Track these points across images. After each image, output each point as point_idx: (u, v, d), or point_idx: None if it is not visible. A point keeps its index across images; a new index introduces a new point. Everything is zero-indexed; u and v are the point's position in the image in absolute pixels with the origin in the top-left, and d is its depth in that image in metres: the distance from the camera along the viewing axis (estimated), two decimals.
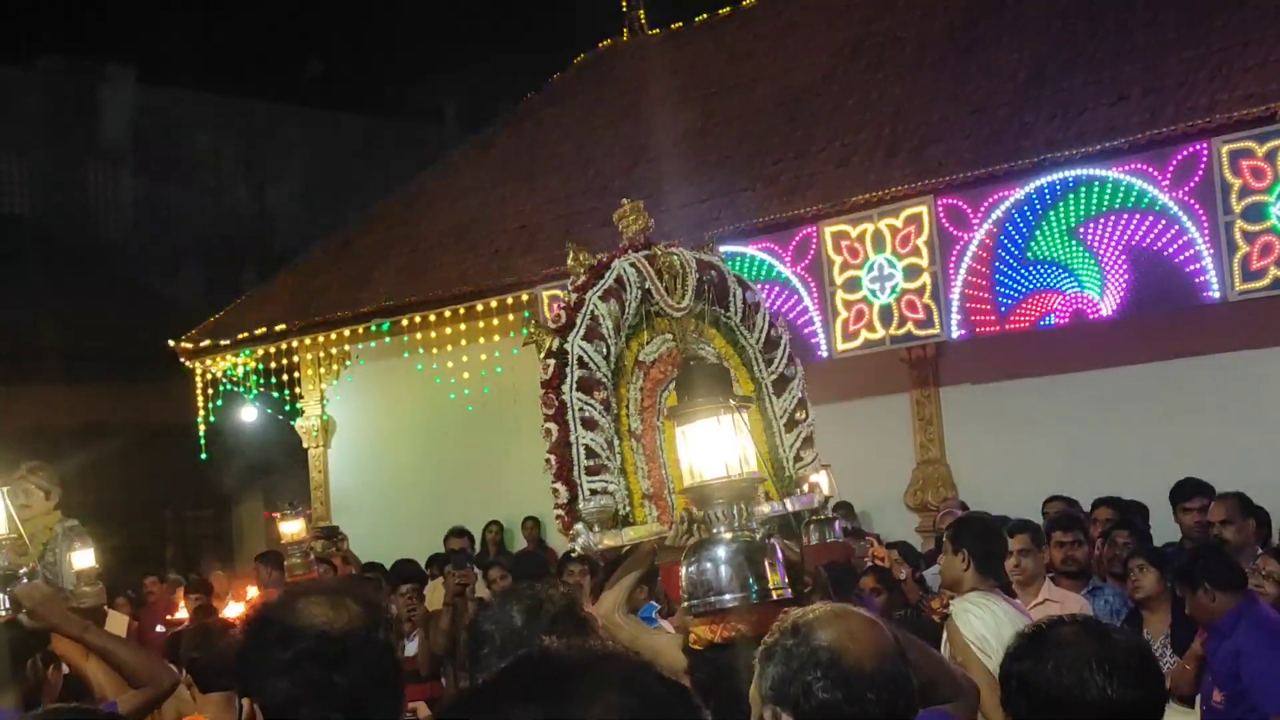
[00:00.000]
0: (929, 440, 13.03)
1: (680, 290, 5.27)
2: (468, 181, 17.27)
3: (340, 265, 17.24)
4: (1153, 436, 11.54)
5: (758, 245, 13.07)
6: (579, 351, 4.88)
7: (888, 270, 12.22)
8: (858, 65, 14.42)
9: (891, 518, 12.75)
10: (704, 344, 5.40)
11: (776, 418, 5.52)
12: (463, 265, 15.54)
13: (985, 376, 12.74)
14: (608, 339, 5.01)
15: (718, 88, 15.68)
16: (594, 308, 4.99)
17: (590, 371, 4.90)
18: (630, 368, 5.18)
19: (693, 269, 5.30)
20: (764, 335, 5.52)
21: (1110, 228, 11.21)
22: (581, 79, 18.09)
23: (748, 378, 5.52)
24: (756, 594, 3.57)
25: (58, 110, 30.42)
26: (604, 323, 5.00)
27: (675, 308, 5.25)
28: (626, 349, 5.16)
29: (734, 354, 5.53)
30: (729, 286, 5.44)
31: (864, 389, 13.10)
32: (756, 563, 3.61)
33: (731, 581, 3.60)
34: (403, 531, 14.62)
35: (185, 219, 30.31)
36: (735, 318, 5.48)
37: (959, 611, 5.71)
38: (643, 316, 5.20)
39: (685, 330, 5.28)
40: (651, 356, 5.25)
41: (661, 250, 5.26)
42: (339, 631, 2.64)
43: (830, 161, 13.23)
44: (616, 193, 14.87)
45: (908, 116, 13.10)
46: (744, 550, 3.62)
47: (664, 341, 5.29)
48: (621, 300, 5.10)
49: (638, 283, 5.16)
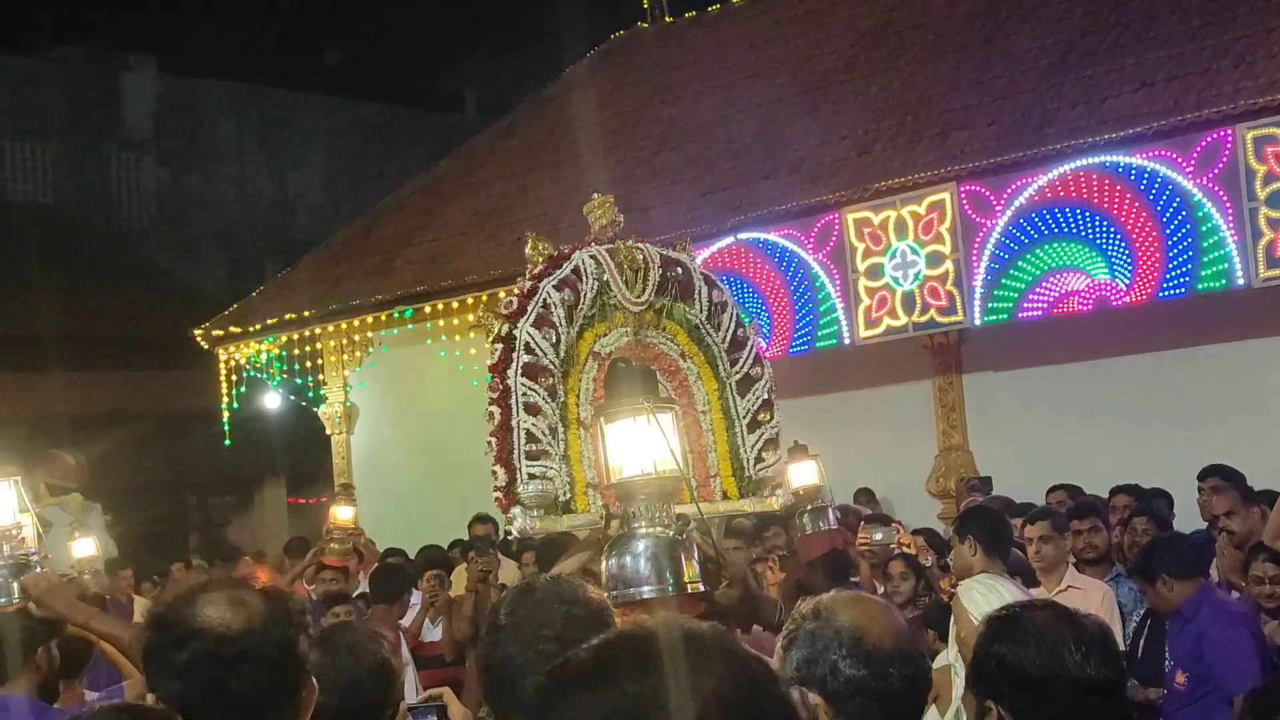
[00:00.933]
0: (951, 427, 13.02)
1: (640, 285, 5.29)
2: (489, 169, 17.30)
3: (362, 252, 17.28)
4: (1176, 423, 11.52)
5: (780, 232, 13.07)
6: (526, 337, 4.92)
7: (910, 257, 12.21)
8: (880, 52, 14.41)
9: (914, 505, 12.74)
10: (665, 339, 5.44)
11: (739, 417, 5.57)
12: (484, 253, 15.57)
13: (1008, 363, 12.73)
14: (558, 327, 5.04)
15: (739, 75, 15.67)
16: (546, 295, 5.03)
17: (537, 358, 4.94)
18: (584, 358, 5.20)
19: (655, 265, 5.33)
20: (730, 335, 5.55)
21: (1134, 214, 11.19)
22: (603, 66, 18.10)
23: (711, 375, 5.57)
24: (673, 586, 3.73)
25: (80, 99, 30.56)
26: (555, 311, 5.04)
27: (633, 302, 5.28)
28: (580, 339, 5.20)
29: (698, 352, 5.57)
30: (694, 284, 5.46)
31: (886, 376, 13.10)
32: (674, 557, 3.75)
33: (649, 574, 3.75)
34: (426, 517, 14.67)
35: (207, 207, 30.45)
36: (700, 315, 5.50)
37: (965, 591, 5.87)
38: (600, 308, 5.22)
39: (642, 324, 5.31)
40: (608, 348, 5.29)
41: (624, 245, 5.29)
42: (236, 632, 2.62)
43: (853, 148, 13.22)
44: (639, 180, 14.90)
45: (930, 103, 13.09)
46: (662, 545, 3.77)
47: (622, 335, 5.32)
48: (577, 290, 5.13)
49: (595, 274, 5.18)
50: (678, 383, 5.48)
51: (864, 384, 13.28)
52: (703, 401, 5.53)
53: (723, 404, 5.55)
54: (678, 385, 5.46)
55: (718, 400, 5.54)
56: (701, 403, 5.53)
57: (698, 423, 5.51)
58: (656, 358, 5.46)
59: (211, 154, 31.24)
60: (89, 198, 30.27)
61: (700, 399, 5.53)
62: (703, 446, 5.48)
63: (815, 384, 13.44)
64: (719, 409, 5.53)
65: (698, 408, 5.51)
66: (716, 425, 5.52)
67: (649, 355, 5.42)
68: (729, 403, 5.56)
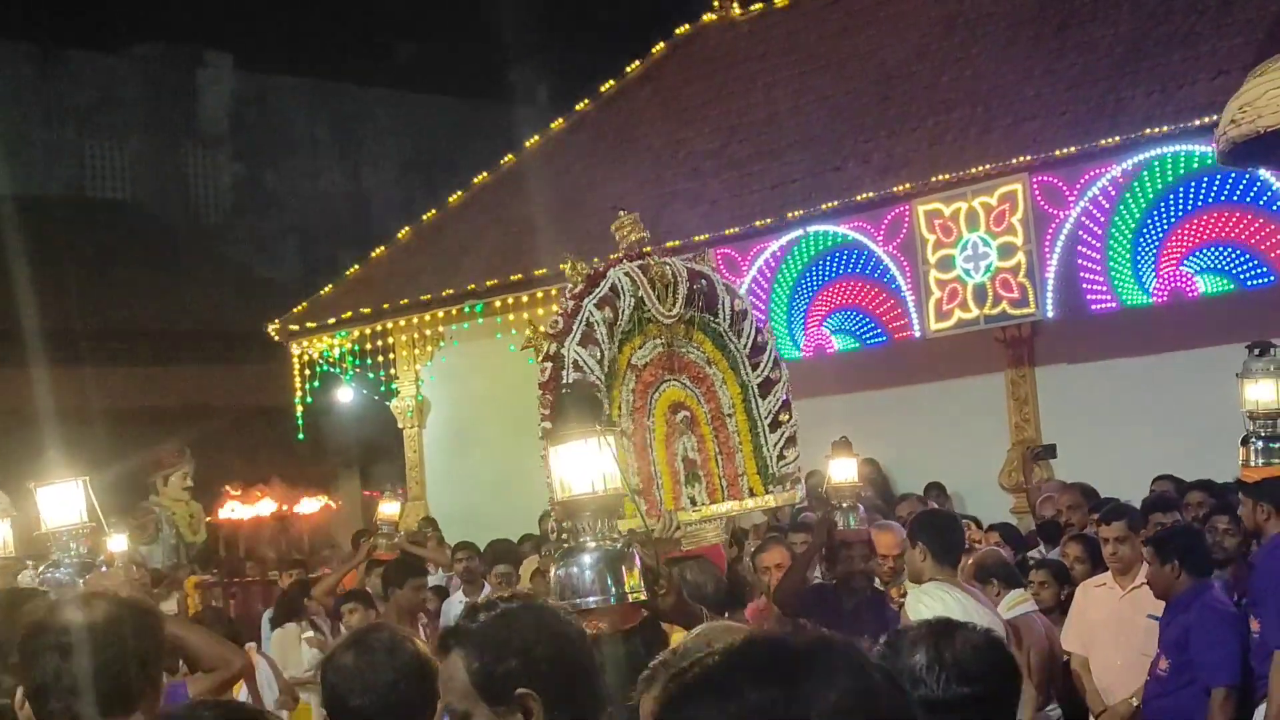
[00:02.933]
0: (1024, 421, 12.89)
1: (671, 298, 5.64)
2: (560, 162, 17.32)
3: (434, 247, 17.36)
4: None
5: (850, 224, 13.00)
6: (574, 356, 5.29)
7: (982, 249, 12.10)
8: (951, 42, 14.28)
9: (986, 499, 12.63)
10: (693, 348, 5.78)
11: (761, 418, 5.91)
12: (555, 246, 15.57)
13: (1082, 356, 12.59)
14: (601, 344, 5.39)
15: (809, 66, 15.59)
16: (589, 314, 5.37)
17: (584, 374, 5.29)
18: (623, 370, 5.54)
19: (683, 278, 5.67)
20: (750, 341, 5.90)
21: (1206, 205, 11.04)
22: (673, 58, 18.06)
23: (735, 380, 5.92)
24: (615, 596, 4.02)
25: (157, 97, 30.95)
26: (599, 328, 5.39)
27: (666, 315, 5.62)
28: (620, 353, 5.54)
29: (721, 358, 5.90)
30: (718, 295, 5.83)
31: (957, 369, 13.00)
32: (616, 569, 4.04)
33: (594, 585, 4.03)
34: (497, 511, 14.72)
35: (282, 202, 30.74)
36: (724, 324, 5.85)
37: (912, 600, 5.94)
38: (635, 322, 5.58)
39: (675, 335, 5.65)
40: (643, 360, 5.64)
41: (655, 260, 5.63)
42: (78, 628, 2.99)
43: (923, 139, 13.12)
44: (709, 173, 14.87)
45: (1002, 93, 12.96)
46: (606, 558, 4.05)
47: (655, 346, 5.65)
48: (615, 307, 5.47)
49: (631, 291, 5.52)
50: (705, 388, 5.89)
51: (934, 377, 13.18)
52: (728, 405, 5.92)
53: (746, 406, 5.90)
54: (705, 390, 5.89)
55: (741, 403, 5.90)
56: (727, 406, 5.91)
57: (725, 425, 5.87)
58: (686, 366, 5.79)
59: (286, 149, 31.53)
60: (166, 194, 30.65)
61: (725, 403, 5.91)
62: (730, 447, 5.88)
63: (886, 377, 13.38)
64: (743, 411, 5.90)
65: (724, 411, 5.90)
66: (741, 427, 5.91)
67: (679, 364, 5.77)
68: (751, 405, 5.91)
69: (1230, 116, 4.37)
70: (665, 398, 5.82)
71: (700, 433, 5.95)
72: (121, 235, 26.10)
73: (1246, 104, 4.31)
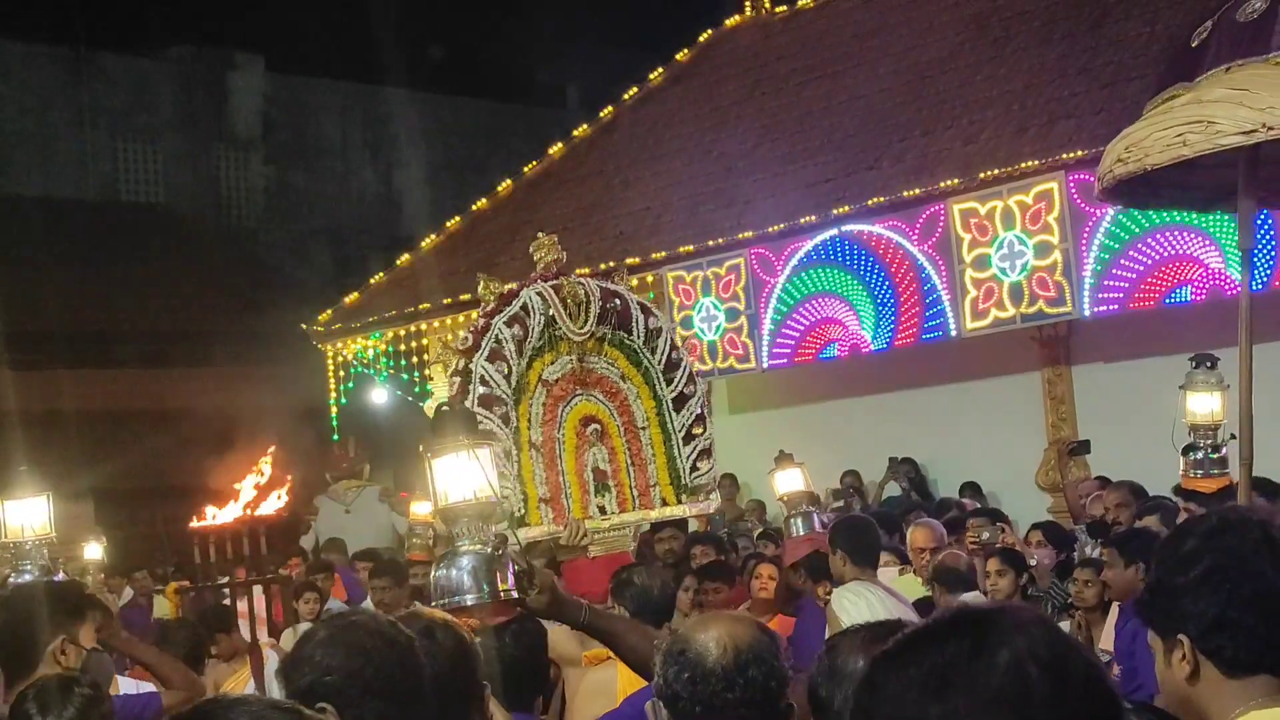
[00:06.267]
0: (1061, 420, 12.84)
1: (583, 317, 5.98)
2: (591, 164, 17.33)
3: (466, 248, 17.39)
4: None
5: (884, 223, 12.97)
6: (481, 371, 5.64)
7: (1018, 248, 12.06)
8: (985, 40, 14.23)
9: (1022, 498, 12.57)
10: (607, 364, 6.13)
11: (675, 432, 6.27)
12: (587, 247, 15.59)
13: (1119, 355, 12.52)
14: (510, 360, 5.76)
15: (842, 65, 15.56)
16: (499, 332, 5.75)
17: (491, 389, 5.65)
18: (533, 385, 5.92)
19: (596, 297, 6.06)
20: (665, 357, 6.26)
21: None
22: (704, 58, 18.05)
23: (650, 395, 6.28)
24: (489, 594, 4.31)
25: (189, 99, 31.06)
26: (507, 345, 5.77)
27: (576, 332, 5.98)
28: (530, 369, 5.92)
29: (636, 373, 6.25)
30: (633, 314, 6.19)
31: (993, 368, 12.95)
32: (490, 570, 4.34)
33: (470, 584, 4.33)
34: None
35: (313, 204, 30.84)
36: (638, 341, 6.20)
37: (835, 600, 6.22)
38: (547, 339, 5.96)
39: (585, 352, 6.03)
40: (555, 375, 6.02)
41: (568, 281, 6.02)
42: None
43: (958, 138, 13.08)
44: (740, 173, 14.85)
45: (1037, 91, 12.91)
46: (481, 560, 4.37)
47: (567, 362, 6.01)
48: (525, 325, 5.85)
49: (542, 309, 5.90)
50: (619, 402, 6.32)
51: (970, 376, 13.14)
52: (642, 418, 6.33)
53: (660, 420, 6.29)
54: (619, 405, 6.32)
55: (655, 416, 6.30)
56: (641, 419, 6.33)
57: (638, 437, 6.28)
58: (598, 381, 6.18)
59: (317, 151, 31.64)
60: (198, 196, 30.76)
61: (640, 416, 6.32)
62: (643, 459, 6.29)
63: (921, 377, 13.34)
64: (657, 424, 6.30)
65: (638, 424, 6.31)
66: (655, 439, 6.32)
67: (591, 379, 6.15)
68: (666, 418, 6.29)
69: (1116, 155, 4.53)
70: (576, 411, 6.17)
71: (612, 444, 6.29)
72: (155, 238, 26.20)
73: (1133, 144, 4.46)
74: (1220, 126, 4.27)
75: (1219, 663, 2.78)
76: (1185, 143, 4.36)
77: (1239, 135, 4.23)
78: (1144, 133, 4.43)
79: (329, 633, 2.87)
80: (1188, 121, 4.39)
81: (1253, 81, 4.32)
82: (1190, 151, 4.34)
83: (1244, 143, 4.22)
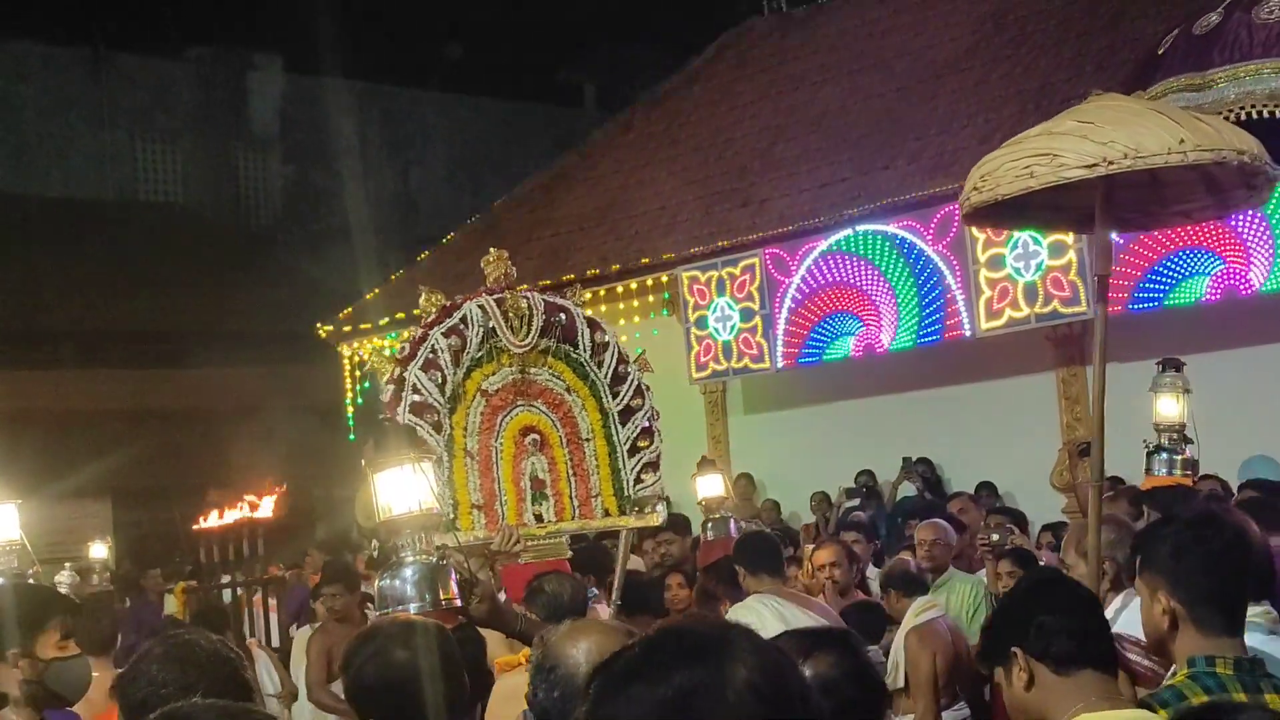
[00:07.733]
0: (1075, 420, 12.81)
1: (525, 330, 6.12)
2: (608, 163, 17.34)
3: (483, 248, 17.28)
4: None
5: (899, 223, 12.96)
6: (414, 380, 5.78)
7: (1033, 247, 12.04)
8: (1001, 39, 14.21)
9: (1036, 498, 12.56)
10: (551, 376, 6.28)
11: (620, 444, 6.40)
12: (603, 247, 15.62)
13: (1134, 354, 12.46)
14: (445, 369, 5.88)
15: (858, 65, 15.55)
16: (435, 342, 5.87)
17: (424, 397, 5.79)
18: (471, 395, 6.03)
19: (540, 311, 6.19)
20: (611, 371, 6.37)
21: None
22: (721, 58, 18.06)
23: (596, 408, 6.39)
24: (431, 603, 4.48)
25: (207, 99, 31.14)
26: (442, 355, 5.88)
27: (518, 345, 6.10)
28: (468, 378, 6.03)
29: (582, 385, 6.37)
30: (578, 327, 6.32)
31: (1007, 368, 12.93)
32: (434, 579, 4.53)
33: (414, 593, 4.52)
34: None
35: (332, 204, 30.87)
36: (584, 354, 6.33)
37: (730, 615, 6.31)
38: (488, 350, 6.07)
39: (527, 363, 6.18)
40: (495, 386, 6.12)
41: (512, 295, 6.16)
42: None
43: (974, 138, 13.06)
44: (757, 173, 14.85)
45: (1053, 91, 12.88)
46: (424, 569, 4.56)
47: (508, 373, 6.13)
48: (464, 336, 5.96)
49: (481, 322, 6.01)
50: (562, 413, 6.37)
51: (985, 376, 13.12)
52: (587, 430, 6.40)
53: (605, 432, 6.38)
54: (562, 416, 6.37)
55: (601, 429, 6.38)
56: (586, 431, 6.40)
57: (581, 448, 6.37)
58: (541, 392, 6.29)
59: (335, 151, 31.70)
60: (217, 196, 30.86)
61: (585, 427, 6.40)
62: (585, 469, 6.37)
63: (936, 377, 13.33)
64: (602, 436, 6.39)
65: (582, 435, 6.38)
66: (600, 451, 6.40)
67: (533, 390, 6.26)
68: (611, 430, 6.39)
69: (973, 184, 4.65)
70: (517, 421, 6.25)
71: (552, 455, 6.38)
72: (174, 237, 26.30)
73: (987, 174, 4.57)
74: (1064, 160, 4.34)
75: (1048, 662, 3.08)
76: (1033, 174, 4.43)
77: (1081, 169, 4.30)
78: (997, 163, 4.59)
79: (164, 649, 3.06)
80: (1036, 154, 4.48)
81: (1100, 115, 4.45)
82: (1037, 183, 4.41)
83: (1086, 175, 4.32)
